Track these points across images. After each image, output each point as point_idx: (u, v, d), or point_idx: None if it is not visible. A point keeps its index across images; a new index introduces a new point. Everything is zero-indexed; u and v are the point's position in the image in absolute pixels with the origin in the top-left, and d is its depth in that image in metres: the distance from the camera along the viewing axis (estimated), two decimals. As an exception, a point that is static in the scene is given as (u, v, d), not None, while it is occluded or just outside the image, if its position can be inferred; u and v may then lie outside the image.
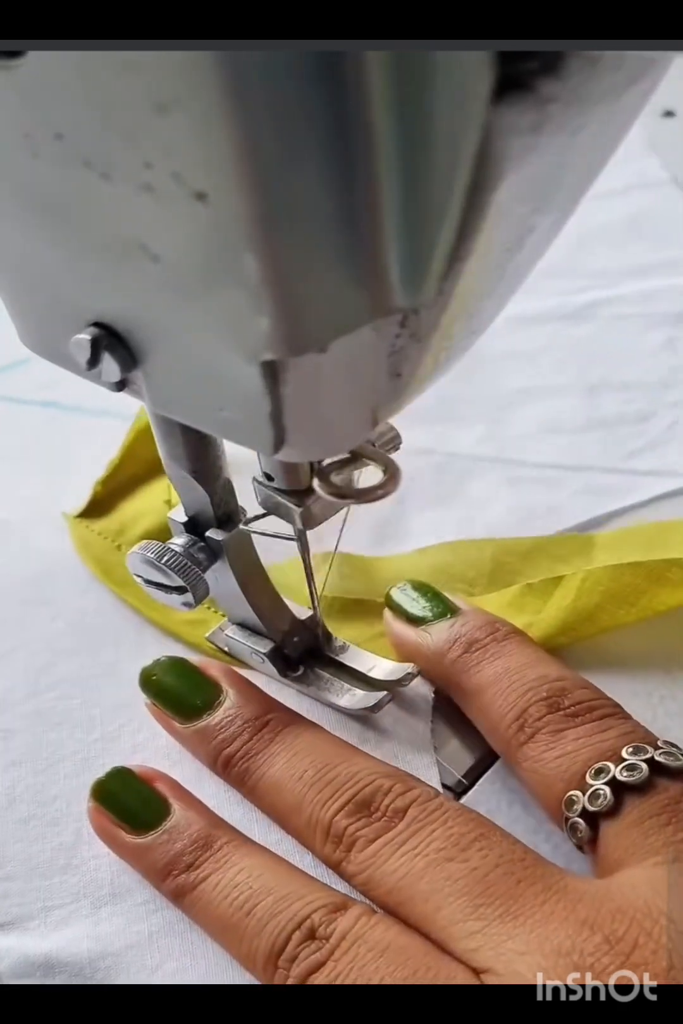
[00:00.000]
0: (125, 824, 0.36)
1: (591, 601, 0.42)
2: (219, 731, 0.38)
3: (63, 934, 0.35)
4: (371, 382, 0.28)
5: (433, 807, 0.34)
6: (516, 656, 0.38)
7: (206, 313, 0.25)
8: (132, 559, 0.38)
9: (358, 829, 0.34)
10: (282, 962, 0.31)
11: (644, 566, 0.42)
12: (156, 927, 0.35)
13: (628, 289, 0.62)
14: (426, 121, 0.22)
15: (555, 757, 0.34)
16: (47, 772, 0.40)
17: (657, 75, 0.25)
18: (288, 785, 0.36)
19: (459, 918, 0.30)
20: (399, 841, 0.33)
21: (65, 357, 0.29)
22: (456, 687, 0.39)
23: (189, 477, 0.36)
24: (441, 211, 0.23)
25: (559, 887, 0.31)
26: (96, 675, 0.43)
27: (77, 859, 0.37)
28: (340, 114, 0.21)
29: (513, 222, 0.25)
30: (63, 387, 0.56)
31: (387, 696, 0.40)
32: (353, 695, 0.40)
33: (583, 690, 0.36)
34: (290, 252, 0.23)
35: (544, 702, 0.36)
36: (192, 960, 0.34)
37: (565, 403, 0.55)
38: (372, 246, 0.24)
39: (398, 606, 0.41)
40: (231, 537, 0.38)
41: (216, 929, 0.34)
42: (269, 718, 0.38)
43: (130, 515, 0.49)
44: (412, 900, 0.32)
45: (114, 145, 0.23)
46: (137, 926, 0.35)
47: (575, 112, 0.23)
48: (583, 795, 0.33)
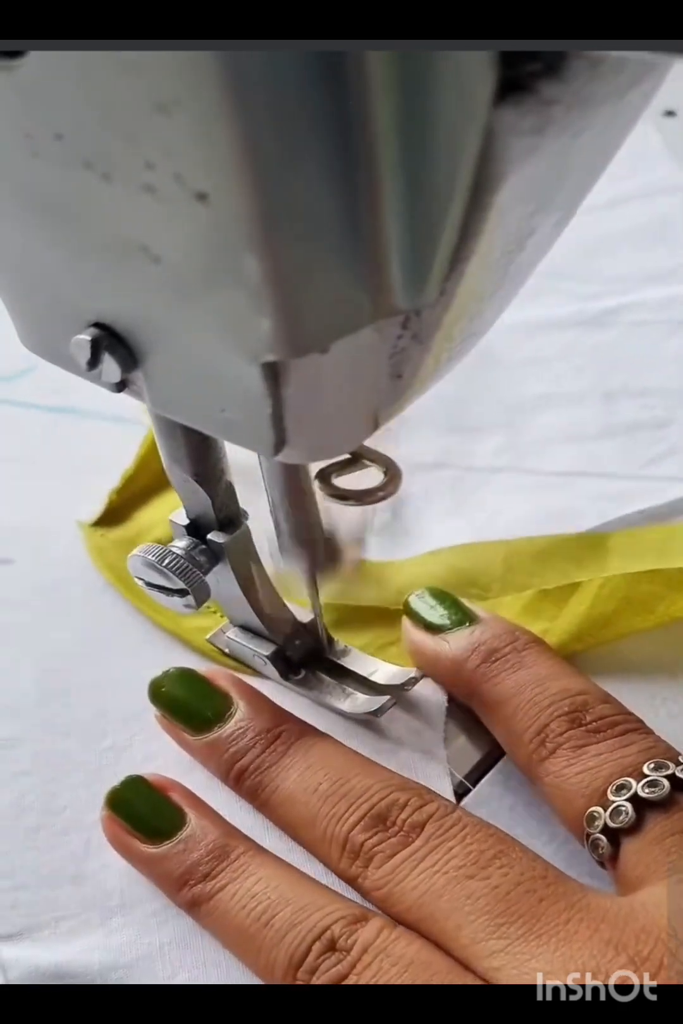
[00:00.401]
0: (139, 833, 0.36)
1: (608, 608, 0.42)
2: (231, 743, 0.38)
3: (73, 945, 0.35)
4: (372, 383, 0.28)
5: (450, 823, 0.33)
6: (537, 667, 0.38)
7: (207, 314, 0.25)
8: (133, 562, 0.38)
9: (375, 844, 0.33)
10: (302, 974, 0.31)
11: (662, 573, 0.42)
12: (167, 938, 0.35)
13: (648, 295, 0.62)
14: (428, 122, 0.22)
15: (576, 773, 0.34)
16: (57, 782, 0.40)
17: (659, 77, 0.25)
18: (302, 799, 0.36)
19: (481, 937, 0.30)
20: (418, 858, 0.33)
21: (65, 358, 0.29)
22: (476, 697, 0.39)
23: (190, 480, 0.36)
24: (443, 212, 0.23)
25: (582, 905, 0.30)
26: (108, 684, 0.43)
27: (87, 869, 0.37)
28: (341, 114, 0.21)
29: (515, 223, 0.25)
30: (72, 392, 0.56)
31: (389, 700, 0.39)
32: (355, 699, 0.40)
33: (605, 704, 0.36)
34: (291, 253, 0.23)
35: (566, 717, 0.35)
36: (204, 971, 0.34)
37: (584, 410, 0.55)
38: (373, 247, 0.24)
39: (416, 614, 0.41)
40: (232, 540, 0.38)
41: (233, 940, 0.33)
42: (281, 730, 0.38)
43: (145, 524, 0.49)
44: (432, 917, 0.31)
45: (115, 146, 0.23)
46: (148, 937, 0.35)
47: (577, 114, 0.23)
48: (604, 811, 0.33)
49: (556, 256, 0.30)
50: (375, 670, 0.41)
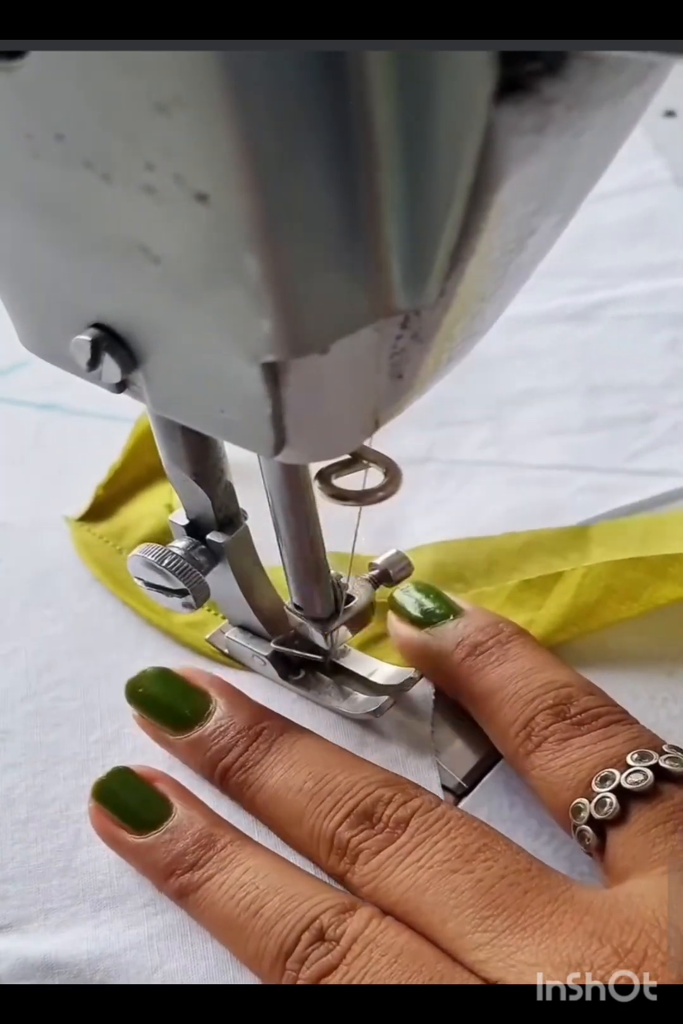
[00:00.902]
0: (126, 824, 0.36)
1: (592, 597, 0.42)
2: (212, 742, 0.38)
3: (63, 936, 0.35)
4: (372, 383, 0.28)
5: (434, 818, 0.33)
6: (521, 660, 0.38)
7: (207, 314, 0.25)
8: (133, 562, 0.38)
9: (361, 841, 0.34)
10: (291, 963, 0.31)
11: (645, 561, 0.42)
12: (156, 929, 0.35)
13: (633, 290, 0.62)
14: (428, 121, 0.22)
15: (561, 765, 0.34)
16: (46, 773, 0.40)
17: (659, 77, 0.25)
18: (287, 797, 0.36)
19: (467, 930, 0.30)
20: (403, 853, 0.33)
21: (65, 358, 0.29)
22: (463, 692, 0.39)
23: (190, 480, 0.36)
24: (443, 211, 0.23)
25: (566, 897, 0.30)
26: (96, 677, 0.43)
27: (76, 861, 0.37)
28: (341, 114, 0.21)
29: (515, 223, 0.25)
30: (62, 389, 0.56)
31: (388, 701, 0.39)
32: (354, 700, 0.40)
33: (589, 696, 0.36)
34: (291, 253, 0.23)
35: (550, 710, 0.35)
36: (192, 961, 0.34)
37: (568, 404, 0.55)
38: (373, 246, 0.24)
39: (402, 608, 0.41)
40: (232, 540, 0.38)
41: (221, 929, 0.34)
42: (263, 727, 0.38)
43: (132, 519, 0.49)
44: (419, 911, 0.32)
45: (115, 146, 0.23)
46: (137, 928, 0.35)
47: (577, 113, 0.23)
48: (589, 803, 0.33)
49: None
50: (374, 670, 0.41)
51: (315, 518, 0.36)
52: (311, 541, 0.37)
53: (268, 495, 0.36)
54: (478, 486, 0.51)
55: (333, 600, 0.39)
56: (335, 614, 0.39)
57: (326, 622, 0.39)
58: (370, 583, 0.40)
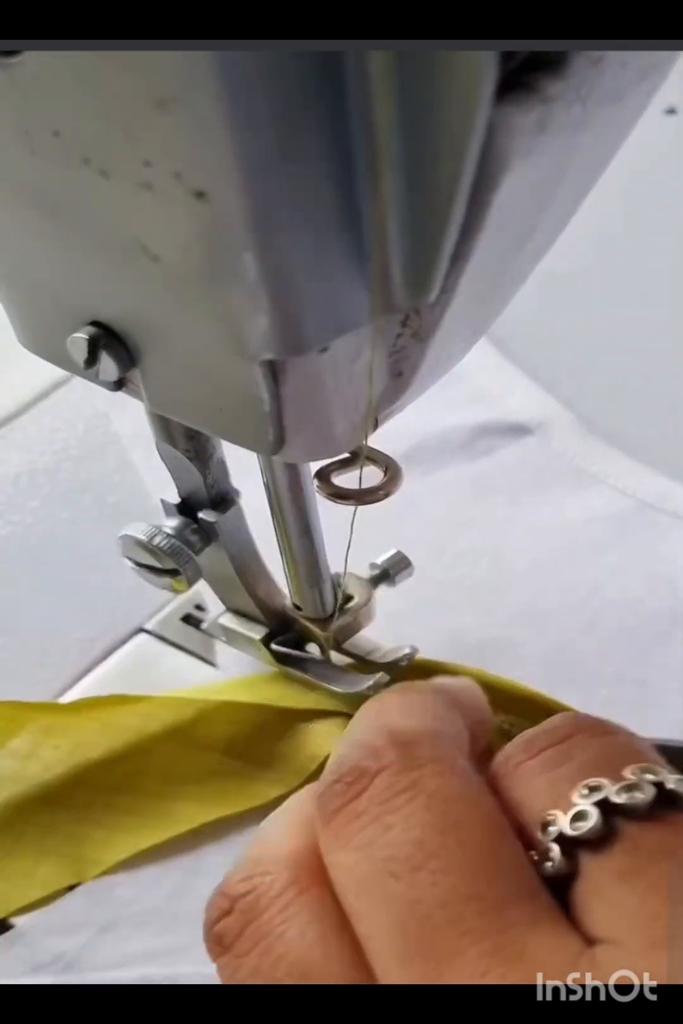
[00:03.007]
0: None
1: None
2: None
3: None
4: (372, 382, 0.27)
5: (403, 784, 0.25)
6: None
7: (205, 312, 0.25)
8: (123, 541, 0.37)
9: (332, 797, 0.26)
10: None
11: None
12: None
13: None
14: (428, 119, 0.22)
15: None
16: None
17: (661, 75, 0.25)
18: None
19: (384, 961, 0.24)
20: (354, 829, 0.25)
21: (63, 357, 0.29)
22: None
23: (181, 456, 0.35)
24: (443, 210, 0.23)
25: (513, 953, 0.23)
26: None
27: None
28: (341, 112, 0.21)
29: (515, 221, 0.25)
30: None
31: (383, 676, 0.39)
32: (350, 679, 0.40)
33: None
34: (290, 251, 0.23)
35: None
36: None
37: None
38: (373, 245, 0.24)
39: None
40: (225, 518, 0.37)
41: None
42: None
43: None
44: (349, 906, 0.25)
45: (113, 143, 0.23)
46: None
47: (578, 112, 0.23)
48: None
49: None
50: (371, 649, 0.40)
51: (315, 517, 0.36)
52: (311, 541, 0.37)
53: (268, 494, 0.36)
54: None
55: (333, 600, 0.38)
56: (335, 614, 0.39)
57: (325, 622, 0.39)
58: (370, 583, 0.40)
